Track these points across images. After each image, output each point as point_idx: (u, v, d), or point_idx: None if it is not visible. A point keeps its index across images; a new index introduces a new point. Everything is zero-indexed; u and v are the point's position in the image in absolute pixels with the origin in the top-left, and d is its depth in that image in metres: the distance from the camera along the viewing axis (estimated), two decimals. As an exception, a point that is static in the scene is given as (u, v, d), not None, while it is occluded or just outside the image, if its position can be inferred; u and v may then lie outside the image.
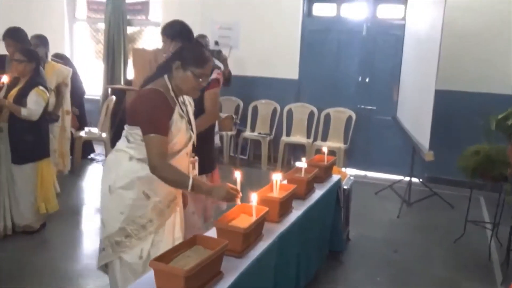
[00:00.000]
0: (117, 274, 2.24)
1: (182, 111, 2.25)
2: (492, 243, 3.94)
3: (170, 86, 2.19)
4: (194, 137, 2.34)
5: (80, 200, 4.93)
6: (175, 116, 2.17)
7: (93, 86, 7.91)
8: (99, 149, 6.49)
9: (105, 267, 2.34)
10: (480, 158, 3.75)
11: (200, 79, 2.18)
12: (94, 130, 5.90)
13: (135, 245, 2.20)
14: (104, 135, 5.87)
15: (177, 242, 2.19)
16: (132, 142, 2.18)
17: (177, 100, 2.23)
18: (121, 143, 2.25)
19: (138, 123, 2.13)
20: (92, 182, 5.48)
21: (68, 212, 4.46)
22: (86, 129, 5.87)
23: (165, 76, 2.21)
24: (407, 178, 5.18)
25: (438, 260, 3.77)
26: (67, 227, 4.13)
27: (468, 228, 4.14)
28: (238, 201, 2.19)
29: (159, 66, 2.30)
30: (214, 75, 2.78)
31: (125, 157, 2.20)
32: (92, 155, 6.37)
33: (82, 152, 5.88)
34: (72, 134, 5.28)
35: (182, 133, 2.22)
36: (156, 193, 2.20)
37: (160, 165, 2.07)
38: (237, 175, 2.32)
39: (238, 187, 2.23)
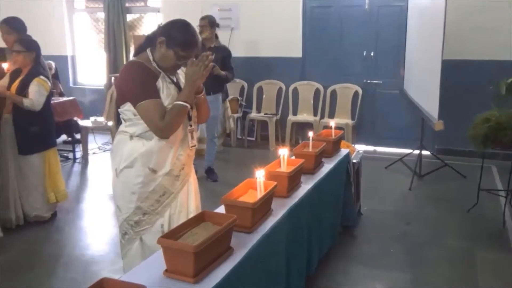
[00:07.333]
0: (139, 254, 2.20)
1: (171, 79, 2.19)
2: (506, 211, 3.89)
3: (151, 58, 2.15)
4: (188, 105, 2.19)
5: (89, 189, 4.94)
6: (160, 83, 2.12)
7: (96, 76, 7.91)
8: (106, 138, 6.50)
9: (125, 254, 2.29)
10: (490, 125, 3.67)
11: (180, 62, 2.14)
12: (100, 119, 5.88)
13: (155, 220, 2.19)
14: (110, 123, 5.85)
15: (191, 215, 2.17)
16: (127, 120, 2.17)
17: (161, 70, 2.17)
18: (121, 126, 2.24)
19: (126, 99, 2.12)
20: (99, 170, 5.49)
21: (78, 200, 4.49)
22: (92, 118, 5.85)
23: (148, 50, 2.18)
24: (417, 151, 5.12)
25: (451, 231, 3.73)
26: (77, 216, 4.15)
27: (481, 197, 4.08)
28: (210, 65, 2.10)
29: (146, 39, 2.24)
30: None
31: (126, 138, 2.18)
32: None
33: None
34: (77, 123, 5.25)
35: (172, 98, 2.14)
36: (160, 166, 2.16)
37: (163, 126, 2.05)
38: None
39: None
